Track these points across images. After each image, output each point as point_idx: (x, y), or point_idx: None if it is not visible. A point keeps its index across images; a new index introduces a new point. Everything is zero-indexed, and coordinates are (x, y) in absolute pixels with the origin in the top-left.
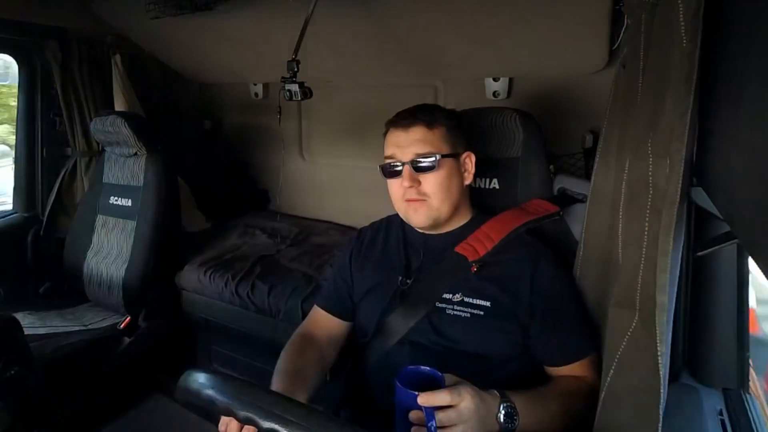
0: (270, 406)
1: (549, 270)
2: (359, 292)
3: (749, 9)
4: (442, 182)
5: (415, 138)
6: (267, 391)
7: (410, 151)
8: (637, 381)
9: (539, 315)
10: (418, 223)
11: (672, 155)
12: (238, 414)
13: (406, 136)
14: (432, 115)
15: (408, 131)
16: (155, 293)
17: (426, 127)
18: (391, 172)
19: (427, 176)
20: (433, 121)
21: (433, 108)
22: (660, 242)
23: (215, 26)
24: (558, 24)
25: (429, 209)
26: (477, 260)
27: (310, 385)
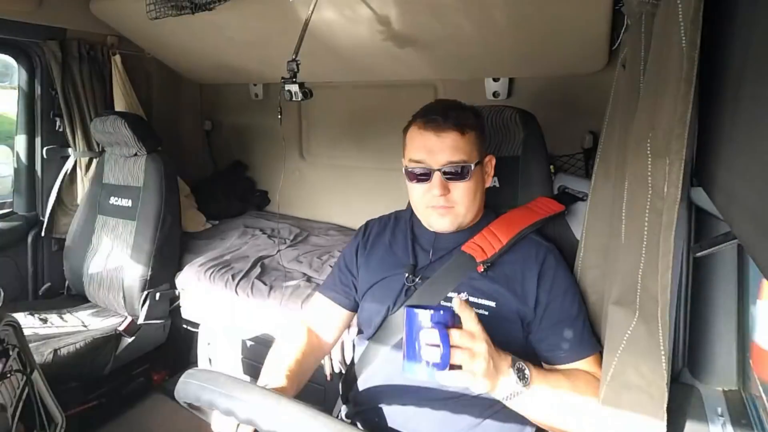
0: (274, 408)
1: (555, 268)
2: (364, 285)
3: (748, 9)
4: (470, 191)
5: (448, 144)
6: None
7: (442, 158)
8: (637, 379)
9: (543, 312)
10: (441, 229)
11: (672, 156)
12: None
13: (438, 141)
14: (464, 117)
15: (440, 136)
16: (155, 294)
17: (459, 132)
18: (418, 177)
19: (458, 185)
20: (466, 126)
21: (462, 107)
22: (661, 242)
23: (215, 26)
24: (558, 24)
25: (455, 217)
26: (484, 261)
27: (302, 377)
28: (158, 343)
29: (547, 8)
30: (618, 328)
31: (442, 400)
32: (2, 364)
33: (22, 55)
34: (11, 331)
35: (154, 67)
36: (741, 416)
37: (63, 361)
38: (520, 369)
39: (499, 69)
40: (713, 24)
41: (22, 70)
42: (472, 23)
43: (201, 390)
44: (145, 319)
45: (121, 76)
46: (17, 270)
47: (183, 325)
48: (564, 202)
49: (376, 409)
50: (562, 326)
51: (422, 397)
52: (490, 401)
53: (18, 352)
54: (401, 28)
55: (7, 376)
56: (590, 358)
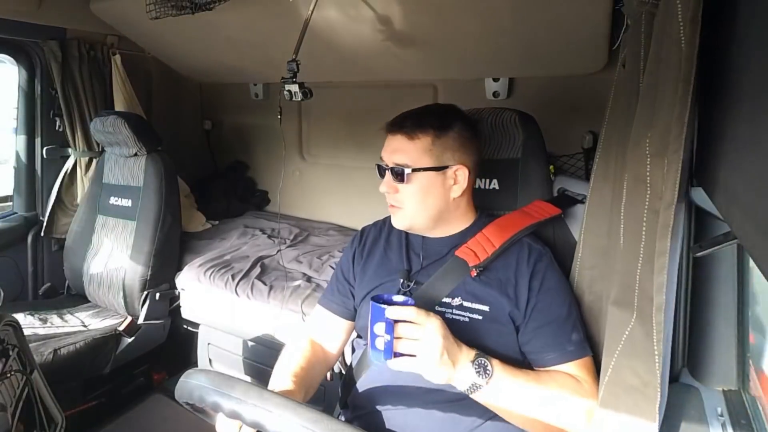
0: (278, 410)
1: (545, 270)
2: (361, 292)
3: (748, 9)
4: (414, 194)
5: (395, 147)
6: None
7: (389, 159)
8: (635, 380)
9: (531, 313)
10: (395, 226)
11: (669, 156)
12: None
13: (389, 142)
14: (421, 123)
15: (393, 137)
16: (155, 294)
17: (406, 137)
18: (380, 174)
19: (402, 186)
20: (418, 131)
21: (429, 114)
22: (658, 242)
23: (215, 26)
24: (558, 24)
25: (403, 217)
26: (477, 265)
27: (310, 387)
28: (158, 343)
29: (547, 8)
30: (616, 329)
31: (440, 403)
32: (2, 364)
33: (22, 55)
34: (11, 331)
35: (154, 67)
36: (741, 416)
37: (63, 361)
38: (481, 364)
39: (499, 69)
40: (713, 24)
41: (22, 70)
42: (473, 23)
43: (204, 391)
44: (145, 319)
45: (121, 76)
46: (17, 270)
47: (183, 325)
48: (562, 205)
49: (374, 413)
50: (548, 328)
51: (421, 401)
52: None
53: (18, 352)
54: (401, 28)
55: (7, 376)
56: (578, 362)
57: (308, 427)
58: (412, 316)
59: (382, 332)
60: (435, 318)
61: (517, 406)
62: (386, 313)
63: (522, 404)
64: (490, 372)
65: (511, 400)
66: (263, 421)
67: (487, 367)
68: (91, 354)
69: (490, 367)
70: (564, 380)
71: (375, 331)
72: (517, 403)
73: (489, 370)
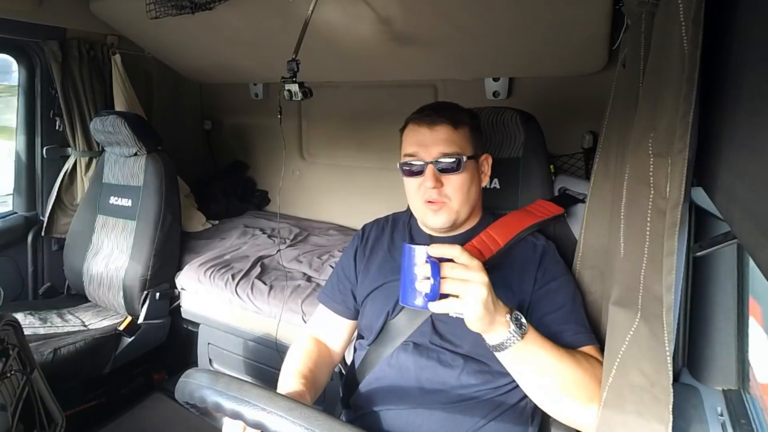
0: (279, 409)
1: (552, 263)
2: (363, 292)
3: (749, 9)
4: (463, 184)
5: (441, 137)
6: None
7: (435, 150)
8: (641, 380)
9: (538, 303)
10: (436, 225)
11: (674, 156)
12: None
13: (430, 134)
14: (456, 113)
15: (433, 129)
16: (155, 293)
17: (452, 126)
18: (412, 171)
19: (450, 178)
20: (458, 121)
21: (456, 106)
22: (666, 243)
23: (215, 26)
24: (558, 24)
25: (449, 212)
26: (482, 263)
27: (318, 387)
28: (158, 342)
29: (547, 8)
30: (619, 328)
31: (443, 404)
32: (2, 363)
33: (22, 55)
34: (11, 330)
35: (154, 67)
36: (741, 416)
37: (63, 361)
38: (517, 318)
39: (499, 69)
40: (713, 24)
41: (22, 69)
42: (473, 23)
43: (205, 391)
44: (145, 319)
45: (121, 76)
46: (17, 270)
47: (183, 325)
48: (564, 204)
49: (376, 413)
50: (555, 316)
51: (423, 401)
52: (493, 405)
53: (18, 352)
54: (401, 28)
55: (7, 375)
56: (588, 347)
57: (309, 427)
58: (458, 254)
59: (427, 273)
60: (477, 260)
61: (543, 369)
62: (430, 251)
63: (548, 368)
64: (525, 328)
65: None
66: (264, 420)
67: (522, 322)
68: (91, 354)
69: (526, 325)
70: (587, 358)
71: (416, 273)
72: (544, 367)
73: (524, 326)
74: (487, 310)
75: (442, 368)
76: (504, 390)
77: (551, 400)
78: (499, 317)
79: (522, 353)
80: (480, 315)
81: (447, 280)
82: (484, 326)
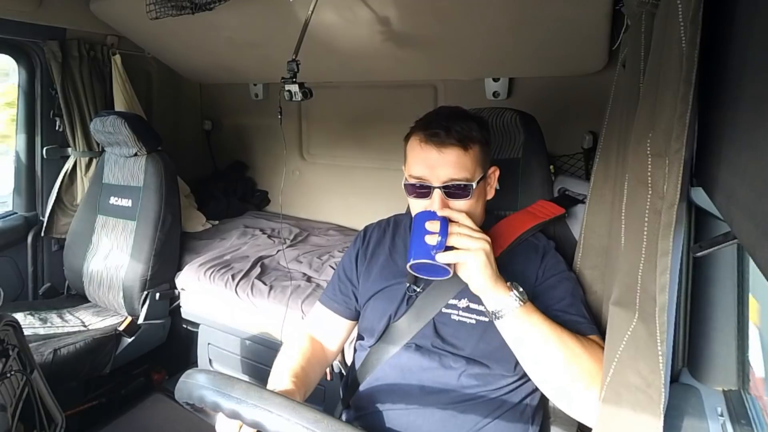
0: (279, 410)
1: (553, 260)
2: (365, 294)
3: (748, 9)
4: (471, 207)
5: (450, 160)
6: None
7: (444, 175)
8: (637, 380)
9: (539, 298)
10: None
11: (671, 156)
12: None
13: (439, 157)
14: (468, 130)
15: (442, 152)
16: (155, 294)
17: (462, 149)
18: (419, 193)
19: (458, 202)
20: (469, 140)
21: (466, 117)
22: (660, 243)
23: (215, 26)
24: (558, 24)
25: None
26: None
27: (309, 385)
28: (158, 343)
29: (547, 8)
30: (618, 328)
31: (444, 404)
32: (2, 364)
33: (22, 55)
34: (11, 331)
35: (154, 67)
36: (741, 416)
37: (63, 361)
38: (516, 287)
39: (499, 69)
40: (713, 24)
41: (22, 70)
42: (472, 23)
43: (205, 391)
44: (145, 319)
45: (121, 76)
46: (17, 270)
47: (183, 325)
48: (564, 205)
49: (377, 413)
50: (557, 307)
51: (424, 402)
52: (494, 405)
53: (18, 352)
54: (401, 29)
55: (7, 376)
56: (591, 336)
57: (309, 428)
58: (462, 218)
59: (437, 228)
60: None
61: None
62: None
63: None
64: (525, 297)
65: (538, 332)
66: (264, 421)
67: (522, 291)
68: (91, 354)
69: (525, 294)
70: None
71: (428, 227)
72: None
73: (525, 296)
74: (489, 268)
75: (443, 370)
76: (505, 390)
77: (551, 376)
78: (500, 283)
79: (522, 321)
80: (483, 267)
81: (454, 235)
82: (486, 283)
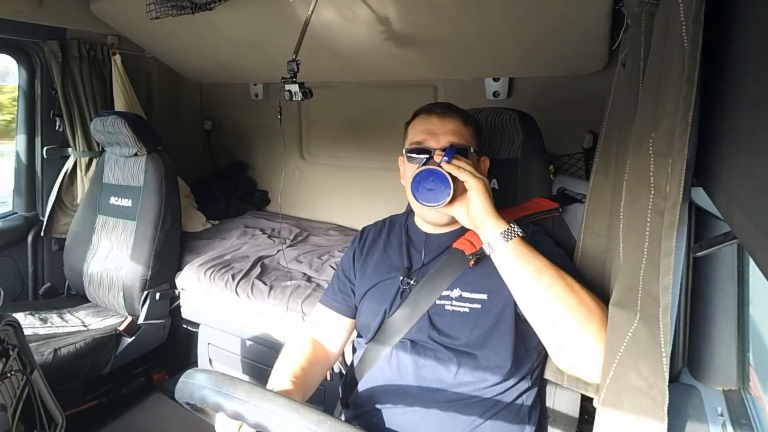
0: (281, 410)
1: (542, 239)
2: (361, 291)
3: (750, 9)
4: None
5: (451, 128)
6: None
7: (444, 140)
8: (639, 382)
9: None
10: (433, 218)
11: (674, 156)
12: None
13: (441, 124)
14: (465, 113)
15: (444, 120)
16: (155, 294)
17: (462, 121)
18: (419, 158)
19: None
20: (467, 119)
21: (461, 109)
22: (663, 243)
23: (215, 26)
24: (558, 24)
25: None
26: (473, 253)
27: (309, 387)
28: (158, 343)
29: (547, 8)
30: (618, 329)
31: (441, 402)
32: (2, 364)
33: (22, 55)
34: (11, 331)
35: (154, 67)
36: (741, 416)
37: (63, 361)
38: (511, 227)
39: (499, 69)
40: (714, 24)
41: (22, 70)
42: (472, 23)
43: (205, 391)
44: (145, 319)
45: (121, 76)
46: (17, 270)
47: (183, 325)
48: (560, 203)
49: (375, 412)
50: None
51: (421, 400)
52: (490, 403)
53: (18, 352)
54: (401, 28)
55: (7, 376)
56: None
57: (311, 428)
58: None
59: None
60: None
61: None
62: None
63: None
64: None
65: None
66: (266, 421)
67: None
68: (91, 354)
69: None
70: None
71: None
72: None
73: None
74: (488, 198)
75: (439, 366)
76: (501, 389)
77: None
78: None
79: (519, 252)
80: (483, 192)
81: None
82: (485, 208)
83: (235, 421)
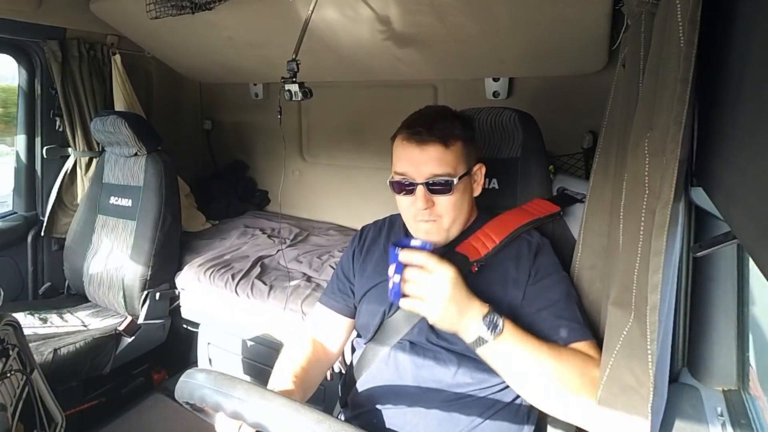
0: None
1: (546, 259)
2: (360, 291)
3: (747, 10)
4: (455, 204)
5: (432, 156)
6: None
7: (425, 171)
8: (631, 380)
9: (531, 298)
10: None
11: (667, 155)
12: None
13: (421, 154)
14: (449, 128)
15: (423, 149)
16: (155, 293)
17: (443, 145)
18: (404, 189)
19: (441, 198)
20: (450, 137)
21: (449, 117)
22: (653, 242)
23: (215, 26)
24: (558, 24)
25: (439, 229)
26: (478, 260)
27: (309, 387)
28: (158, 342)
29: (547, 8)
30: (615, 328)
31: (439, 402)
32: (2, 363)
33: (22, 55)
34: (11, 330)
35: (154, 66)
36: (741, 416)
37: (63, 361)
38: (492, 320)
39: (499, 69)
40: (714, 24)
41: (22, 70)
42: (473, 23)
43: (205, 391)
44: (145, 319)
45: (121, 76)
46: (17, 270)
47: (183, 325)
48: (561, 204)
49: (374, 412)
50: (550, 311)
51: (420, 400)
52: (489, 403)
53: (18, 352)
54: (401, 28)
55: (7, 375)
56: (583, 342)
57: (311, 428)
58: (423, 261)
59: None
60: (449, 268)
61: (522, 366)
62: (399, 257)
63: (527, 364)
64: (500, 329)
65: (517, 359)
66: (265, 421)
67: (498, 324)
68: (91, 354)
69: (501, 325)
70: (573, 353)
71: (388, 272)
72: (522, 363)
73: (499, 327)
74: (448, 314)
75: (438, 367)
76: (499, 388)
77: (534, 396)
78: (469, 319)
79: (496, 352)
80: (440, 317)
81: (409, 283)
82: (448, 326)
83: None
